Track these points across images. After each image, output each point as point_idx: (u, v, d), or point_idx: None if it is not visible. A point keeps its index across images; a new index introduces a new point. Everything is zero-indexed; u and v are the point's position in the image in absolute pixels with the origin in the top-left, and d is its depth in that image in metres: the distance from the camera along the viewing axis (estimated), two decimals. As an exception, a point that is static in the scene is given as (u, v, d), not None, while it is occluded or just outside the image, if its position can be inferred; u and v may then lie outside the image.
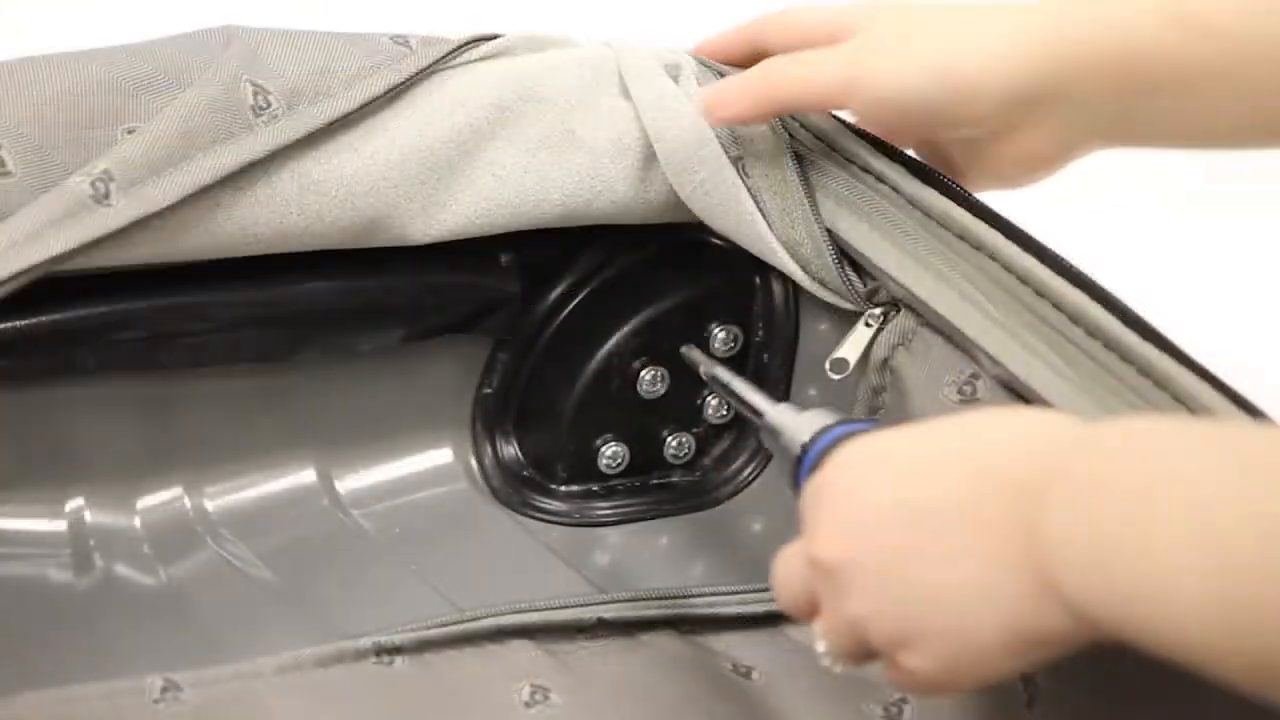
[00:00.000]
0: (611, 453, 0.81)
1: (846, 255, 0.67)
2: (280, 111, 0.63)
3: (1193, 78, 0.58)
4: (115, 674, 0.61)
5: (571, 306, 0.78)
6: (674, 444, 0.82)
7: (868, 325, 0.66)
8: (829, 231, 0.67)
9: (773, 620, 0.72)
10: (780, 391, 0.79)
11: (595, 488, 0.81)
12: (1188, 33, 0.58)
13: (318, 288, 0.71)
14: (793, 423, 0.61)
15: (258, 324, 0.71)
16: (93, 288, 0.66)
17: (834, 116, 0.68)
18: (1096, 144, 0.64)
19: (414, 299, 0.74)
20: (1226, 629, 0.39)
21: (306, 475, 0.78)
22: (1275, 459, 0.40)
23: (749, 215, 0.67)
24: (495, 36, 0.69)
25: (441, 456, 0.81)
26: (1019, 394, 0.59)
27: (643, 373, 0.79)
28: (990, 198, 0.64)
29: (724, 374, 0.72)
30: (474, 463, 0.81)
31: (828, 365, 0.66)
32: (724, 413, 0.81)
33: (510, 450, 0.81)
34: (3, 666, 0.66)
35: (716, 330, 0.79)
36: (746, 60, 0.70)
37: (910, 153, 0.67)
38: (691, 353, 0.77)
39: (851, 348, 0.66)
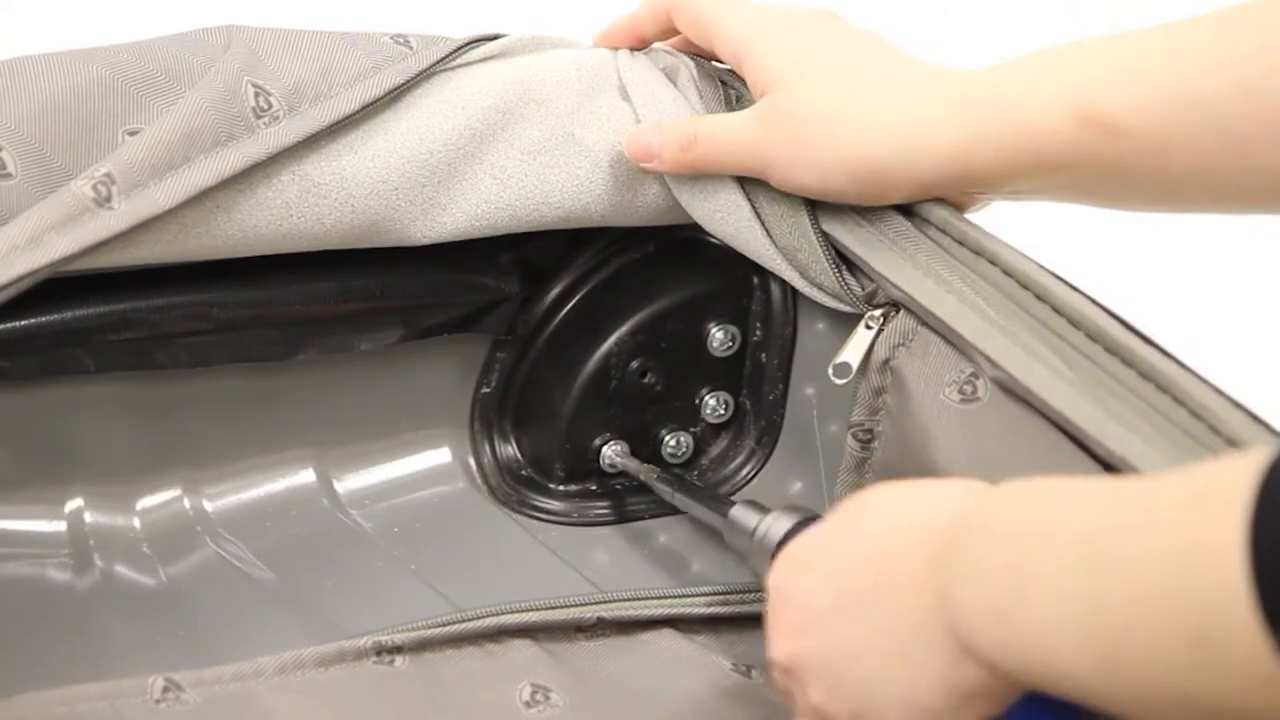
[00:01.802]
0: (610, 452, 0.81)
1: (844, 259, 0.67)
2: (281, 113, 0.63)
3: (1103, 172, 0.58)
4: (116, 674, 0.61)
5: (570, 306, 0.78)
6: (672, 443, 0.82)
7: (868, 327, 0.66)
8: (825, 235, 0.67)
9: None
10: (779, 391, 0.79)
11: (593, 487, 0.81)
12: (1095, 132, 0.57)
13: (316, 288, 0.71)
14: (763, 523, 0.65)
15: (256, 324, 0.71)
16: (92, 288, 0.66)
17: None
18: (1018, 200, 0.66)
19: (412, 299, 0.74)
20: (1109, 680, 0.42)
21: (305, 475, 0.78)
22: (1139, 525, 0.42)
23: (746, 222, 0.68)
24: (496, 37, 0.69)
25: (440, 456, 0.81)
26: (1019, 396, 0.59)
27: (641, 372, 0.79)
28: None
29: (672, 486, 0.75)
30: (472, 462, 0.81)
31: (831, 370, 0.66)
32: (722, 412, 0.81)
33: (509, 450, 0.81)
34: (3, 667, 0.66)
35: (714, 330, 0.79)
36: (661, 35, 0.72)
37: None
38: (629, 463, 0.79)
39: (854, 351, 0.66)
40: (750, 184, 0.68)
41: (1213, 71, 0.54)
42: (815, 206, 0.67)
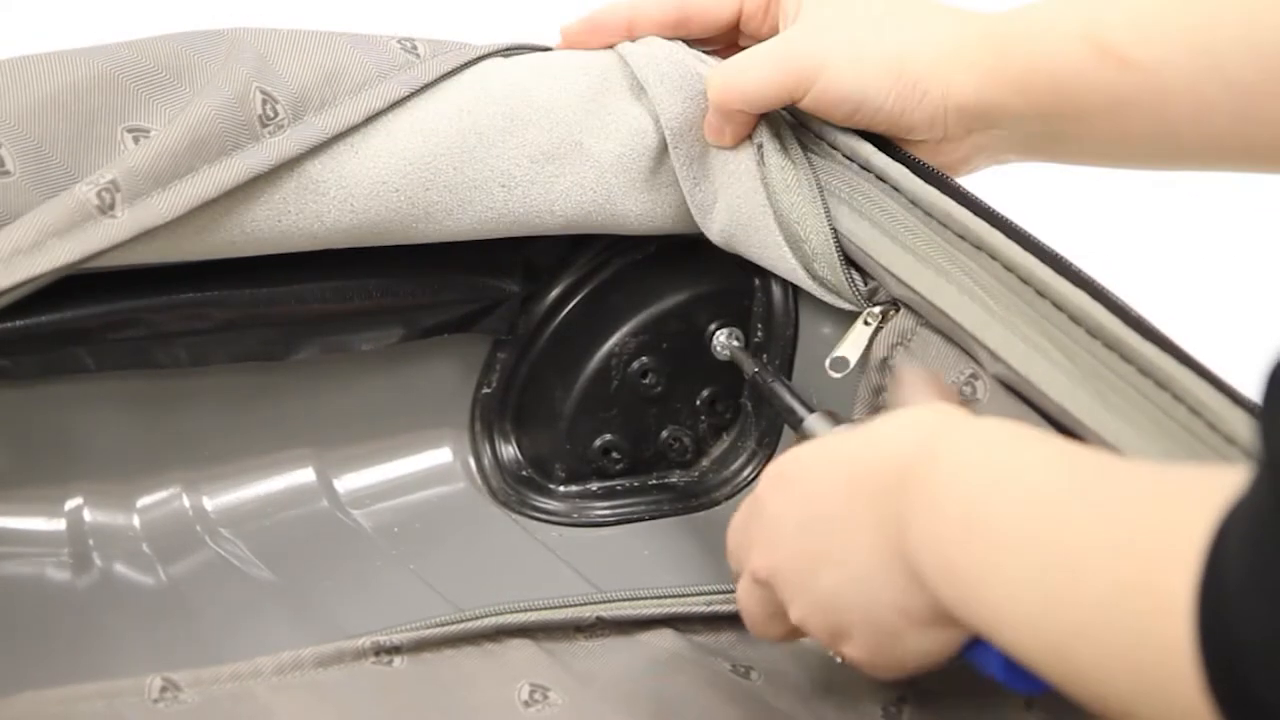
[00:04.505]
0: (610, 453, 0.81)
1: (846, 254, 0.67)
2: (287, 121, 0.63)
3: (1110, 105, 0.60)
4: (114, 674, 0.61)
5: (571, 306, 0.78)
6: (673, 444, 0.82)
7: (866, 324, 0.66)
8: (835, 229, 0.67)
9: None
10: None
11: (594, 487, 0.81)
12: (1106, 63, 0.59)
13: (316, 287, 0.71)
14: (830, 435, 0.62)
15: (256, 323, 0.71)
16: (91, 288, 0.66)
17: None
18: (1016, 158, 0.67)
19: (413, 298, 0.74)
20: (1049, 647, 0.43)
21: (305, 475, 0.78)
22: (1094, 540, 0.42)
23: (760, 206, 0.68)
24: (509, 50, 0.69)
25: (440, 456, 0.81)
26: (1018, 393, 0.59)
27: (642, 373, 0.79)
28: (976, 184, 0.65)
29: (767, 377, 0.73)
30: (473, 462, 0.81)
31: (828, 364, 0.67)
32: (722, 413, 0.81)
33: (509, 450, 0.81)
34: (1, 666, 0.66)
35: (716, 331, 0.79)
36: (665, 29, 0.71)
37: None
38: (738, 353, 0.78)
39: (851, 346, 0.66)
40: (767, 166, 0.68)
41: (1224, 23, 0.56)
42: (827, 196, 0.67)
